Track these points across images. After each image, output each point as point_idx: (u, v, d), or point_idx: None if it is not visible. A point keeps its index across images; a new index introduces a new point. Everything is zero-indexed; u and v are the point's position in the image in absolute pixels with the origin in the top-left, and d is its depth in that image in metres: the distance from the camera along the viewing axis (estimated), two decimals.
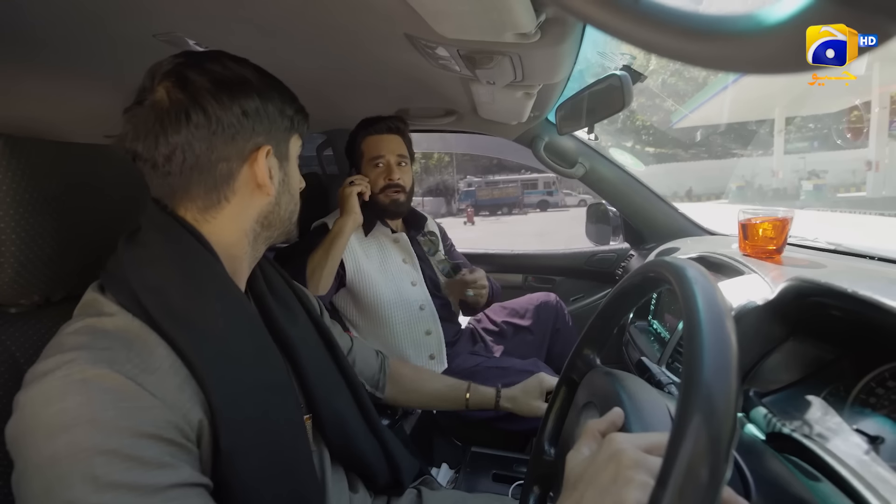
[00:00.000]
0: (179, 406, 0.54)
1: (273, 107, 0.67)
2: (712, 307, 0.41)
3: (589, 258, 2.17)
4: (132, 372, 0.52)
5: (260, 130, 0.66)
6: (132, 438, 0.49)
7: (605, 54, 1.37)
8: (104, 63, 0.90)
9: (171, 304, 0.58)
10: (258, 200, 0.69)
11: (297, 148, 0.74)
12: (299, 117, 0.73)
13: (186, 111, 0.60)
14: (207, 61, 0.63)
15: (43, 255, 0.66)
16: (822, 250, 1.18)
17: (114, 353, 0.53)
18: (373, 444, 0.83)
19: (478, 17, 0.63)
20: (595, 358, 0.71)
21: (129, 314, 0.57)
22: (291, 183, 0.73)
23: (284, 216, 0.73)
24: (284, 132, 0.70)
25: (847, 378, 0.73)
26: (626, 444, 0.46)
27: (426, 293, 1.59)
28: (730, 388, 0.36)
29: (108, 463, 0.47)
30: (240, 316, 0.65)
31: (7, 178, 0.62)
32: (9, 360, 0.63)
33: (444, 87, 1.20)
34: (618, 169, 1.88)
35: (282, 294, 0.80)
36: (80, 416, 0.48)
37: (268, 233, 0.72)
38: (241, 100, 0.63)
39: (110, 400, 0.50)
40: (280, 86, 0.70)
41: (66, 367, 0.50)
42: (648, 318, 1.51)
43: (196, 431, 0.56)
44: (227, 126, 0.62)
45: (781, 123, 15.56)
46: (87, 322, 0.57)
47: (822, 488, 0.56)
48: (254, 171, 0.66)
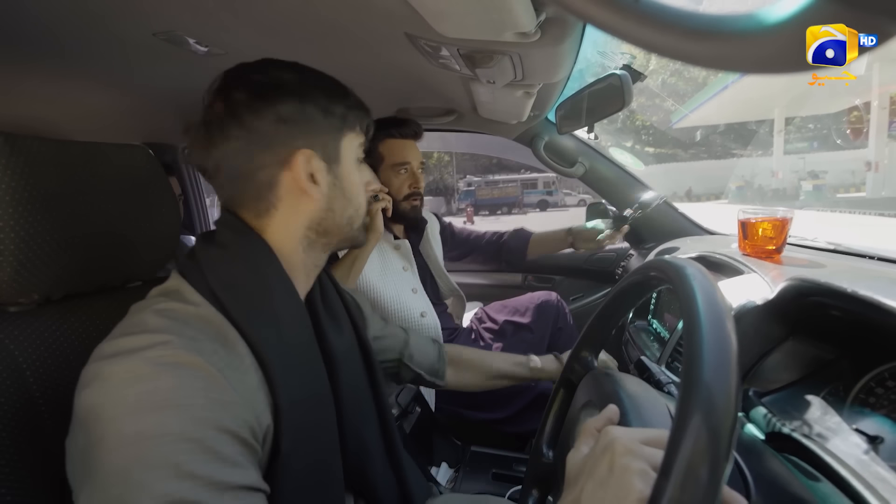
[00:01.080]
0: (255, 406, 0.55)
1: (315, 107, 0.65)
2: (712, 306, 0.41)
3: (588, 257, 2.17)
4: (220, 364, 0.53)
5: (297, 134, 0.64)
6: (216, 431, 0.49)
7: (605, 54, 1.37)
8: (104, 62, 0.90)
9: (247, 302, 0.59)
10: (306, 206, 0.67)
11: (353, 147, 0.70)
12: (354, 114, 0.69)
13: (224, 124, 0.61)
14: (251, 71, 0.64)
15: (43, 253, 0.66)
16: (821, 250, 1.18)
17: (203, 343, 0.53)
18: (387, 473, 0.82)
19: (478, 17, 0.63)
20: (593, 360, 0.71)
21: (213, 307, 0.58)
22: (346, 186, 0.69)
23: (341, 222, 0.70)
24: (333, 132, 0.67)
25: (846, 378, 0.73)
26: (620, 434, 0.46)
27: (427, 300, 1.58)
28: (730, 387, 0.36)
29: (191, 451, 0.47)
30: (300, 323, 0.65)
31: (7, 177, 0.62)
32: (8, 358, 0.62)
33: (444, 86, 1.20)
34: (617, 168, 1.88)
35: (333, 307, 0.79)
36: (172, 399, 0.48)
37: (325, 239, 0.70)
38: (277, 105, 0.62)
39: (201, 388, 0.50)
40: (327, 84, 0.68)
41: (160, 349, 0.51)
42: (648, 317, 1.51)
43: (263, 433, 0.56)
44: (262, 134, 0.62)
45: (781, 124, 15.61)
46: (173, 306, 0.57)
47: (822, 488, 0.56)
48: (294, 177, 0.64)
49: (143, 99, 1.16)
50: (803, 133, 17.83)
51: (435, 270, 1.74)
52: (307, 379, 0.63)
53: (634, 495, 0.40)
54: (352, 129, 0.69)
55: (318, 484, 0.62)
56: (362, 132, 0.71)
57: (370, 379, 0.82)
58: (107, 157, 0.77)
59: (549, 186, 21.34)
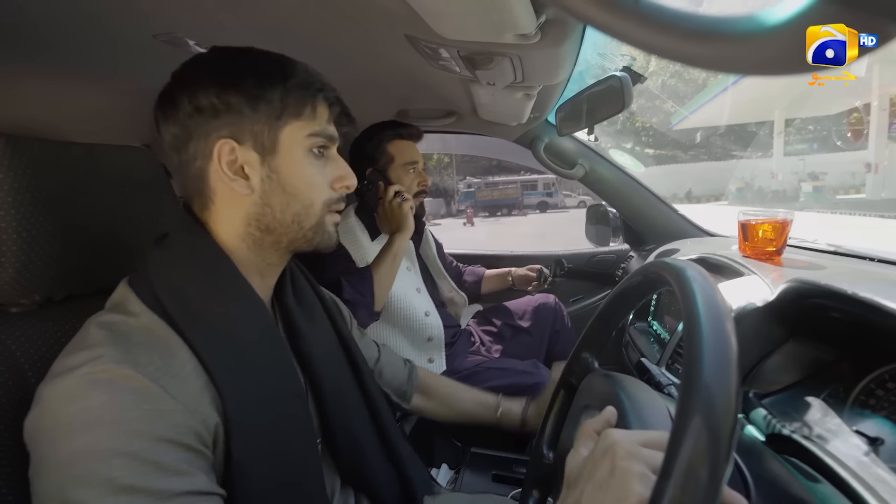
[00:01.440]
0: (199, 411, 0.54)
1: (239, 95, 0.60)
2: (712, 308, 0.41)
3: (589, 259, 2.17)
4: (155, 374, 0.52)
5: (221, 124, 0.60)
6: (152, 442, 0.49)
7: (606, 55, 1.37)
8: (104, 63, 0.90)
9: (190, 305, 0.58)
10: (241, 201, 0.63)
11: (298, 138, 0.64)
12: (297, 98, 0.63)
13: (157, 118, 0.62)
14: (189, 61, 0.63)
15: (44, 254, 0.66)
16: (822, 252, 1.18)
17: (137, 354, 0.52)
18: (385, 466, 0.81)
19: (478, 18, 0.63)
20: (593, 361, 0.71)
21: (154, 314, 0.57)
22: (288, 180, 0.63)
23: (284, 219, 0.64)
24: (267, 121, 0.61)
25: (847, 379, 0.73)
26: (621, 437, 0.46)
27: (430, 300, 1.59)
28: (730, 389, 0.36)
29: (126, 465, 0.47)
30: (256, 322, 0.64)
31: (8, 178, 0.62)
32: (9, 359, 0.62)
33: (444, 87, 1.20)
34: (618, 170, 1.88)
35: (309, 305, 0.77)
36: (103, 416, 0.48)
37: (271, 238, 0.65)
38: (195, 94, 0.60)
39: (133, 401, 0.49)
40: (262, 68, 0.62)
41: (91, 365, 0.50)
42: (648, 319, 1.51)
43: (212, 437, 0.55)
44: (181, 124, 0.61)
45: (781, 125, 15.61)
46: (113, 318, 0.57)
47: (822, 490, 0.56)
48: (217, 169, 0.61)
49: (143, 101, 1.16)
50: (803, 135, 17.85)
51: (434, 272, 1.75)
52: (267, 379, 0.62)
53: (634, 498, 0.40)
54: (295, 116, 0.63)
55: (286, 485, 0.61)
56: (315, 119, 0.65)
57: (355, 374, 0.81)
58: (108, 159, 0.77)
59: (549, 188, 21.37)
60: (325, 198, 0.67)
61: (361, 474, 0.77)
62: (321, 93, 0.65)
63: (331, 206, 0.68)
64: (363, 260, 1.44)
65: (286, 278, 0.74)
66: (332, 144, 0.68)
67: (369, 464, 0.78)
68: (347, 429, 0.75)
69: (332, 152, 0.69)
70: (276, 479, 0.60)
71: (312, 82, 0.64)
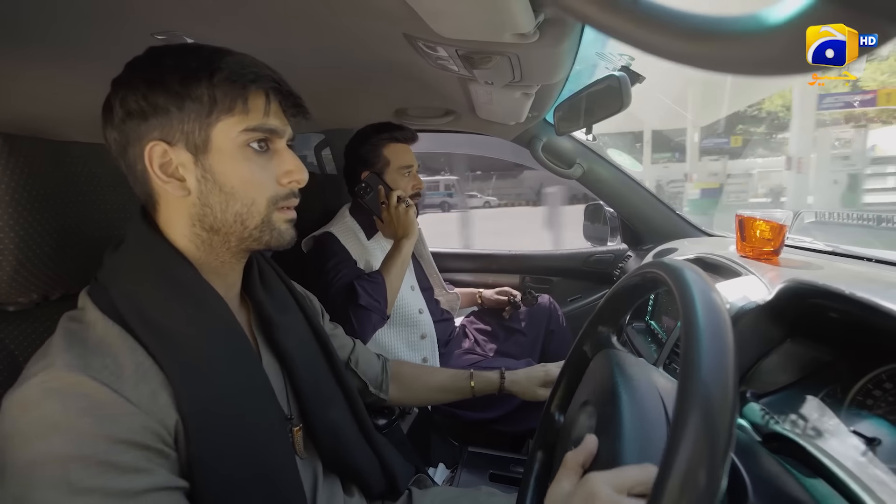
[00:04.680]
0: (155, 411, 0.54)
1: (165, 95, 0.58)
2: (710, 308, 0.41)
3: (586, 259, 2.17)
4: (108, 378, 0.52)
5: (152, 126, 0.59)
6: (107, 444, 0.49)
7: (604, 55, 1.37)
8: (103, 62, 0.89)
9: (143, 309, 0.58)
10: (182, 203, 0.62)
11: (231, 134, 0.61)
12: (225, 91, 0.59)
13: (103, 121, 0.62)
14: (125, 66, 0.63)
15: (42, 253, 0.66)
16: (819, 252, 1.19)
17: (90, 359, 0.53)
18: (367, 453, 0.83)
19: (476, 17, 0.63)
20: (610, 336, 0.70)
21: (110, 320, 0.57)
22: (223, 179, 0.62)
23: (227, 219, 0.63)
24: (196, 119, 0.59)
25: (844, 380, 0.73)
26: (601, 487, 0.46)
27: (422, 298, 1.59)
28: (727, 389, 0.36)
29: (82, 469, 0.48)
30: (214, 320, 0.63)
31: (6, 177, 0.62)
32: (7, 358, 0.63)
33: (442, 86, 1.20)
34: (615, 170, 1.88)
35: (280, 300, 0.78)
36: (57, 423, 0.48)
37: (218, 237, 0.64)
38: (124, 97, 0.59)
39: (86, 407, 0.50)
40: (188, 65, 0.59)
41: (45, 374, 0.51)
42: (646, 318, 1.51)
43: (173, 435, 0.56)
44: (119, 129, 0.61)
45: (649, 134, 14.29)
46: (69, 327, 0.57)
47: (820, 488, 0.56)
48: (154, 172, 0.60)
49: None
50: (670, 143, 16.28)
51: (427, 269, 1.75)
52: (228, 376, 0.61)
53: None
54: (227, 111, 0.60)
55: (256, 477, 0.61)
56: (249, 113, 0.61)
57: (330, 364, 0.82)
58: (106, 158, 0.76)
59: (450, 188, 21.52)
60: (269, 195, 0.65)
61: (345, 462, 0.79)
62: (254, 84, 0.61)
63: (279, 203, 0.66)
64: (363, 259, 1.45)
65: (253, 273, 0.74)
66: (276, 138, 0.65)
67: (350, 452, 0.79)
68: (326, 417, 0.76)
69: (279, 145, 0.66)
70: (242, 473, 0.60)
71: (244, 74, 0.60)
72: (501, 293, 1.82)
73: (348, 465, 0.79)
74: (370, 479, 0.82)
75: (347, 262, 1.40)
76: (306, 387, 0.74)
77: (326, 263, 1.38)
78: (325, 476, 0.77)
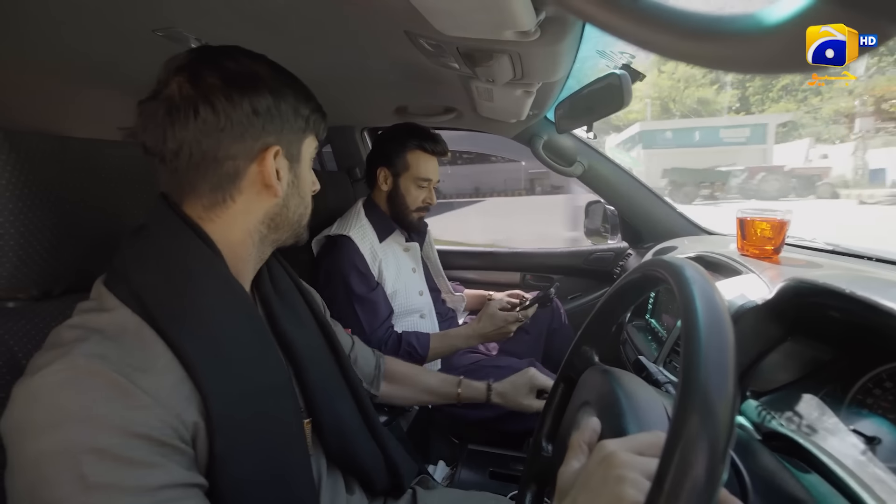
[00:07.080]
0: (173, 406, 0.53)
1: (286, 106, 0.65)
2: (710, 307, 0.41)
3: (587, 257, 2.17)
4: (126, 370, 0.51)
5: (270, 130, 0.64)
6: (122, 438, 0.48)
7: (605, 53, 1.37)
8: (104, 58, 0.90)
9: (169, 301, 0.57)
10: (265, 201, 0.67)
11: (311, 149, 0.72)
12: (316, 117, 0.71)
13: (195, 107, 0.59)
14: (222, 57, 0.62)
15: (42, 249, 0.66)
16: (820, 251, 1.18)
17: (107, 349, 0.52)
18: (372, 449, 0.83)
19: (478, 15, 0.63)
20: (593, 355, 0.71)
21: (129, 310, 0.56)
22: (302, 185, 0.72)
23: (293, 218, 0.72)
24: (298, 132, 0.68)
25: (844, 379, 0.73)
26: (616, 447, 0.46)
27: (430, 303, 1.59)
28: (727, 388, 0.36)
29: (97, 462, 0.47)
30: (240, 316, 0.64)
31: (6, 173, 0.62)
32: (7, 354, 0.63)
33: (443, 84, 1.19)
34: (616, 167, 1.87)
35: (288, 295, 0.79)
36: (71, 413, 0.48)
37: (275, 235, 0.71)
38: (252, 97, 0.62)
39: (102, 398, 0.49)
40: (297, 84, 0.69)
41: (60, 363, 0.50)
42: (646, 316, 1.51)
43: (191, 432, 0.54)
44: (235, 124, 0.61)
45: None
46: (85, 316, 0.56)
47: (819, 486, 0.57)
48: (261, 171, 0.64)
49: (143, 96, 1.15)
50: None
51: (434, 272, 1.75)
52: (250, 372, 0.61)
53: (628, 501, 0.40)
54: (312, 131, 0.71)
55: (273, 478, 0.61)
56: (318, 137, 0.74)
57: (336, 358, 0.83)
58: (106, 154, 0.77)
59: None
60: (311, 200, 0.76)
61: (351, 457, 0.79)
62: (323, 115, 0.73)
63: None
64: (375, 264, 1.45)
65: (263, 268, 0.75)
66: None
67: (356, 447, 0.79)
68: (333, 410, 0.76)
69: None
70: (261, 472, 0.60)
71: (320, 106, 0.72)
72: (513, 295, 1.79)
73: (353, 460, 0.79)
74: (374, 475, 0.82)
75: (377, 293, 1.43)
76: (314, 381, 0.74)
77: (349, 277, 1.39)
78: (329, 472, 0.76)
